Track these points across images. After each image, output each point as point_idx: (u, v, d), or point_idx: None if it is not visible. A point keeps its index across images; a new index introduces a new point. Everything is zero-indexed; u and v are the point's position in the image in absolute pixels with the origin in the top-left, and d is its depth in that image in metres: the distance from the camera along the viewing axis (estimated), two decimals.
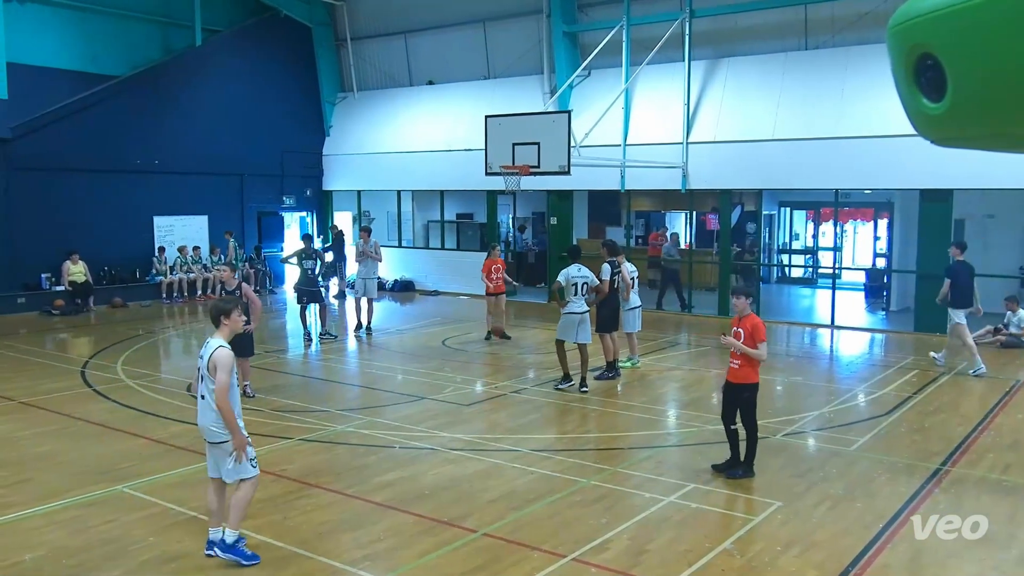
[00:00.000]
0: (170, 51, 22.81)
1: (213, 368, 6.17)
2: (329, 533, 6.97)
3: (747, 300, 8.24)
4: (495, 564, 6.29)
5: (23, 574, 6.14)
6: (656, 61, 19.21)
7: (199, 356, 6.40)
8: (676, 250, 20.96)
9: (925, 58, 3.52)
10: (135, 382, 12.53)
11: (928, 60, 3.50)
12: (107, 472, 8.43)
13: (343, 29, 25.40)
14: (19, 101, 19.25)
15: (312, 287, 15.79)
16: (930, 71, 3.52)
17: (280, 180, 25.20)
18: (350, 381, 13.48)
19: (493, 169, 16.78)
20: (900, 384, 12.46)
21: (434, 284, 24.08)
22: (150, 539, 6.78)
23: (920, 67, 3.58)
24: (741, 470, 8.22)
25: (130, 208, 21.59)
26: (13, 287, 18.56)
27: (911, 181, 16.78)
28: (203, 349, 6.37)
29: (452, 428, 10.06)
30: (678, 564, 6.26)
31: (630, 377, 12.93)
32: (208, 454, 6.51)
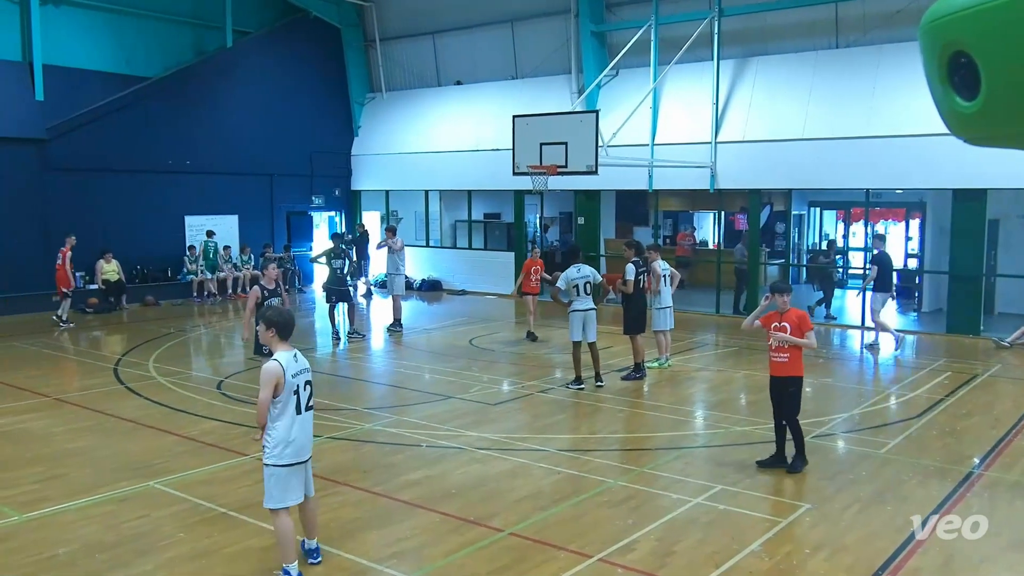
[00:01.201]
0: (202, 53, 23.05)
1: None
2: (356, 531, 7.00)
3: (789, 296, 8.38)
4: (521, 564, 6.29)
5: (57, 567, 6.24)
6: (684, 60, 19.10)
7: (300, 370, 5.96)
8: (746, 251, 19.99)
9: (958, 56, 3.47)
10: (166, 379, 12.68)
11: (961, 58, 3.45)
12: (139, 468, 8.53)
13: (372, 30, 25.53)
14: (54, 103, 19.64)
15: (341, 286, 15.91)
16: (963, 69, 3.47)
17: (309, 180, 25.38)
18: (378, 380, 13.54)
19: (521, 169, 16.78)
20: (932, 386, 12.28)
21: (461, 284, 24.14)
22: (180, 534, 6.85)
23: (953, 65, 3.54)
24: (800, 462, 8.32)
25: (162, 208, 21.85)
26: (49, 286, 18.84)
27: (944, 181, 16.54)
28: (297, 360, 5.98)
29: (479, 427, 10.07)
30: (705, 566, 6.22)
31: (658, 378, 12.87)
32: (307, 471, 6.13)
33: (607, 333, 12.67)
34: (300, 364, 6.00)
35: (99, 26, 21.00)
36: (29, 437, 9.76)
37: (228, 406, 11.10)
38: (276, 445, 5.88)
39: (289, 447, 5.89)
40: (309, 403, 6.04)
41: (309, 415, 6.06)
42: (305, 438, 6.02)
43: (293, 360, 5.95)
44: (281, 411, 5.88)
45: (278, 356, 5.91)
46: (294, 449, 5.92)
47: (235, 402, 11.28)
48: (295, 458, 5.94)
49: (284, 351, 5.96)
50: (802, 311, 8.42)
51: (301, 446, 5.97)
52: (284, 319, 6.05)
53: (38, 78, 19.55)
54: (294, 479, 5.96)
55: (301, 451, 5.98)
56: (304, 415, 5.99)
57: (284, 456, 5.89)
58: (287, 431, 5.88)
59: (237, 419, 10.37)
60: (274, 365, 5.83)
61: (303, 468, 6.03)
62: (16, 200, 19.21)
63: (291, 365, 5.91)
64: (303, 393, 5.98)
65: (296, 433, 5.92)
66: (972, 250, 16.58)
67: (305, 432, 6.02)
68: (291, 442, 5.90)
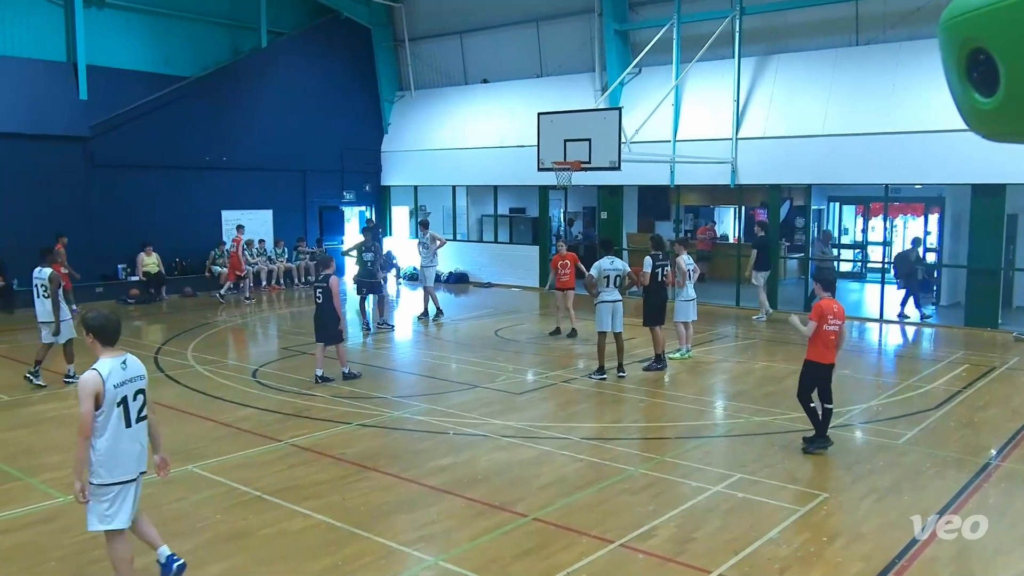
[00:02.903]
0: (238, 53, 23.22)
1: None
2: (386, 514, 7.05)
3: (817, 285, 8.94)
4: (545, 548, 6.30)
5: (99, 547, 6.30)
6: (706, 58, 18.94)
7: (128, 379, 5.29)
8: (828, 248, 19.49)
9: (977, 53, 3.42)
10: (204, 368, 12.82)
11: (980, 55, 3.40)
12: (178, 452, 8.60)
13: (401, 30, 25.56)
14: (98, 102, 19.88)
15: (371, 278, 15.99)
16: (982, 66, 3.41)
17: (340, 176, 25.52)
18: (407, 369, 13.60)
19: (545, 165, 16.75)
20: (949, 379, 12.14)
21: (487, 276, 24.17)
22: (217, 516, 6.94)
23: (972, 62, 3.48)
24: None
25: (199, 203, 22.08)
26: (92, 277, 19.12)
27: (962, 176, 16.30)
28: (125, 367, 5.32)
29: (504, 416, 10.09)
30: (724, 552, 6.20)
31: (678, 368, 12.82)
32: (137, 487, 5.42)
33: (628, 325, 12.64)
34: (129, 372, 5.28)
35: (140, 28, 21.22)
36: (73, 422, 9.89)
37: (263, 394, 11.20)
38: (101, 462, 5.15)
39: (116, 464, 5.18)
40: (141, 414, 5.34)
41: (139, 429, 5.33)
42: (134, 453, 5.29)
43: (119, 368, 5.22)
44: (104, 425, 5.13)
45: (98, 365, 5.18)
46: (122, 466, 5.21)
47: (270, 390, 11.39)
48: (124, 475, 5.22)
49: (108, 358, 5.23)
50: (818, 303, 8.66)
51: (130, 462, 5.26)
52: (105, 323, 5.26)
53: (82, 78, 19.81)
54: (129, 496, 5.28)
55: (129, 468, 5.25)
56: (134, 428, 5.27)
57: (111, 474, 5.17)
58: (112, 446, 5.16)
59: (272, 407, 10.47)
60: (91, 375, 5.12)
61: (134, 486, 5.33)
62: (62, 195, 19.50)
63: (115, 374, 5.18)
64: (132, 404, 5.26)
65: (122, 449, 5.20)
66: (990, 244, 16.35)
67: (139, 446, 5.32)
68: (117, 459, 5.18)
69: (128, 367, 5.30)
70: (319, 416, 10.04)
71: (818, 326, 8.45)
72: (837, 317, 8.51)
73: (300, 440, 9.04)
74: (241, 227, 21.49)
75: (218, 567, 6.01)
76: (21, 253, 18.39)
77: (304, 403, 10.65)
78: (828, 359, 8.60)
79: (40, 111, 19.08)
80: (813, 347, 8.55)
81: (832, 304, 8.55)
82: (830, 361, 8.63)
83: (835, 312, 8.51)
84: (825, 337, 8.49)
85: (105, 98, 19.97)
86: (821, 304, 8.53)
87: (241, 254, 20.98)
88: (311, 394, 11.13)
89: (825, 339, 8.50)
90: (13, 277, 18.54)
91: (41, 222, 18.77)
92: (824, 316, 8.44)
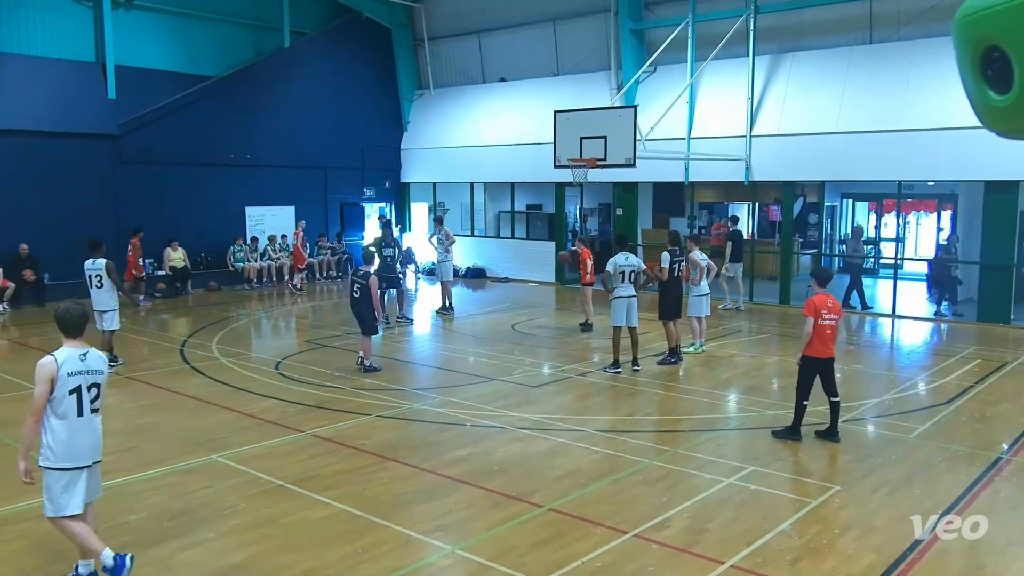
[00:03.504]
0: (261, 53, 23.30)
1: None
2: (405, 504, 7.08)
3: (813, 281, 8.92)
4: (560, 538, 6.30)
5: (129, 533, 6.41)
6: (720, 57, 18.83)
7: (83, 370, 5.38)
8: (860, 244, 19.04)
9: (992, 51, 3.38)
10: (228, 360, 12.91)
11: (995, 53, 3.37)
12: (203, 442, 8.71)
13: (421, 30, 25.56)
14: (125, 100, 20.04)
15: (391, 273, 16.01)
16: (996, 64, 3.38)
17: (361, 173, 25.58)
18: (425, 362, 13.63)
19: (562, 162, 16.73)
20: (961, 373, 12.03)
21: (504, 271, 24.17)
22: (241, 505, 6.99)
23: (986, 60, 3.45)
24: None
25: (224, 199, 22.21)
26: (120, 271, 19.25)
27: (976, 173, 16.14)
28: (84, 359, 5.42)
29: (521, 408, 10.10)
30: (736, 543, 6.18)
31: (693, 362, 12.78)
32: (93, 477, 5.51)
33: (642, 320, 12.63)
34: (87, 364, 5.39)
35: (166, 28, 21.35)
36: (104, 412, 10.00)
37: (285, 385, 11.27)
38: (51, 447, 5.28)
39: (66, 450, 5.30)
40: (94, 405, 5.43)
41: (91, 420, 5.43)
42: (87, 442, 5.40)
43: (77, 359, 5.36)
44: (54, 410, 5.27)
45: (57, 352, 5.35)
46: (72, 453, 5.32)
47: (292, 382, 11.46)
48: (73, 463, 5.33)
49: (69, 348, 5.40)
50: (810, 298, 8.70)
51: (81, 451, 5.36)
52: (66, 316, 5.48)
53: (110, 78, 19.96)
54: (80, 483, 5.36)
55: (81, 456, 5.35)
56: (86, 418, 5.38)
57: (60, 459, 5.29)
58: (62, 432, 5.29)
59: (294, 398, 10.53)
60: (47, 360, 5.27)
61: (85, 474, 5.39)
62: (91, 191, 19.68)
63: (70, 363, 5.32)
64: (86, 394, 5.37)
65: (74, 436, 5.32)
66: (1003, 241, 16.17)
67: (87, 436, 5.40)
68: (68, 445, 5.30)
69: (87, 360, 5.43)
70: (340, 407, 10.10)
71: (814, 321, 8.49)
72: (832, 312, 8.58)
73: (322, 431, 9.09)
74: (302, 222, 22.51)
75: (242, 554, 6.06)
76: (52, 248, 18.66)
77: (326, 395, 10.71)
78: (825, 353, 8.63)
79: (70, 110, 19.26)
80: (809, 342, 8.59)
81: (827, 299, 8.63)
82: (828, 355, 8.66)
83: (829, 307, 8.58)
84: (821, 332, 8.55)
85: (133, 97, 20.13)
86: (815, 300, 8.60)
87: (302, 247, 21.96)
88: (332, 386, 11.18)
89: (821, 334, 8.55)
90: (44, 271, 18.73)
91: (71, 218, 19.01)
92: (818, 311, 8.52)
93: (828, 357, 8.64)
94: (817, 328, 8.50)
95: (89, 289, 12.13)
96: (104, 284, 12.06)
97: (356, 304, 12.06)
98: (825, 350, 8.60)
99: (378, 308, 12.13)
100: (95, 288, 12.10)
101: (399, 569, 5.82)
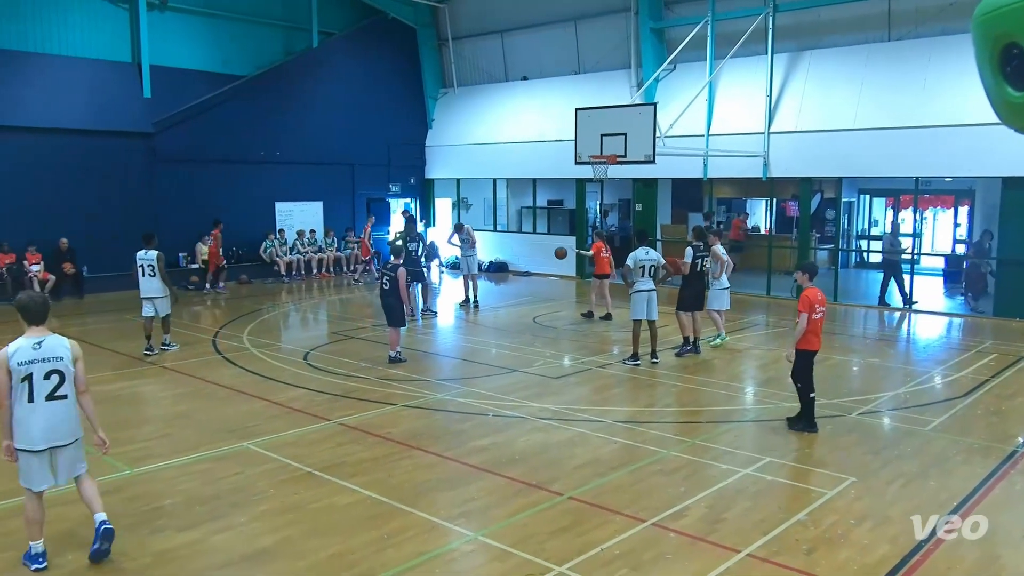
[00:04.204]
0: (290, 52, 23.42)
1: None
2: (428, 491, 7.11)
3: (803, 275, 8.83)
4: (579, 526, 6.30)
5: (163, 516, 6.49)
6: (739, 55, 18.68)
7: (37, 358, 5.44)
8: (898, 240, 18.58)
9: (1010, 48, 3.33)
10: (259, 351, 13.01)
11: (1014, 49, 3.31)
12: (234, 430, 8.79)
13: (445, 30, 25.56)
14: (160, 99, 20.25)
15: (415, 267, 16.05)
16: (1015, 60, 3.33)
17: (387, 169, 25.65)
18: (449, 354, 13.67)
19: (582, 158, 16.68)
20: (977, 367, 11.86)
21: (526, 265, 24.16)
22: (270, 491, 7.05)
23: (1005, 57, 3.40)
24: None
25: (255, 194, 22.38)
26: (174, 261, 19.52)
27: (993, 169, 15.88)
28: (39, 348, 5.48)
29: (541, 399, 10.10)
30: (753, 532, 6.15)
31: (710, 355, 12.71)
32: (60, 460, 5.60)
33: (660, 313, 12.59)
34: (43, 352, 5.44)
35: (199, 30, 21.50)
36: (141, 400, 10.16)
37: (313, 375, 11.34)
38: (12, 428, 5.44)
39: (21, 433, 5.42)
40: (53, 394, 5.45)
41: (49, 407, 5.46)
42: (42, 428, 5.45)
43: (31, 347, 5.42)
44: (11, 396, 5.40)
45: (12, 343, 5.45)
46: (23, 436, 5.43)
47: (320, 372, 11.53)
48: (30, 445, 5.44)
49: (24, 337, 5.48)
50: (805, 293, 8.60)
51: (32, 435, 5.44)
52: (27, 303, 5.54)
53: (146, 77, 20.16)
54: (34, 465, 5.48)
55: (32, 440, 5.44)
56: (38, 405, 5.42)
57: (17, 440, 5.45)
58: (17, 417, 5.41)
59: (322, 388, 10.60)
60: (2, 351, 5.40)
61: (45, 457, 5.50)
62: (127, 188, 19.90)
63: (22, 352, 5.40)
64: (40, 382, 5.41)
65: (25, 421, 5.42)
66: (1020, 236, 15.91)
67: (43, 422, 5.45)
68: (20, 429, 5.42)
69: (42, 348, 5.46)
70: (366, 397, 10.15)
71: (808, 315, 8.48)
72: (822, 304, 8.63)
73: (348, 420, 9.14)
74: (371, 217, 23.29)
75: (271, 538, 6.12)
76: (90, 242, 18.93)
77: (352, 385, 10.77)
78: (817, 346, 8.70)
79: (107, 109, 19.47)
80: (803, 336, 8.58)
81: (817, 292, 8.63)
82: (818, 348, 8.73)
83: (820, 300, 8.61)
84: (814, 325, 8.56)
85: (167, 96, 20.31)
86: (808, 294, 8.58)
87: (368, 241, 22.60)
88: (359, 376, 11.24)
89: (814, 326, 8.57)
90: (83, 264, 18.98)
91: (108, 213, 19.28)
92: (812, 305, 8.50)
93: (818, 349, 8.72)
94: (811, 321, 8.50)
95: (140, 278, 12.59)
96: (156, 273, 12.47)
97: (385, 296, 12.14)
98: (818, 342, 8.67)
99: (406, 300, 12.20)
100: (147, 277, 12.53)
101: (423, 554, 5.85)
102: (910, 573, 5.56)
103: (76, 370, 5.58)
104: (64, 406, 5.54)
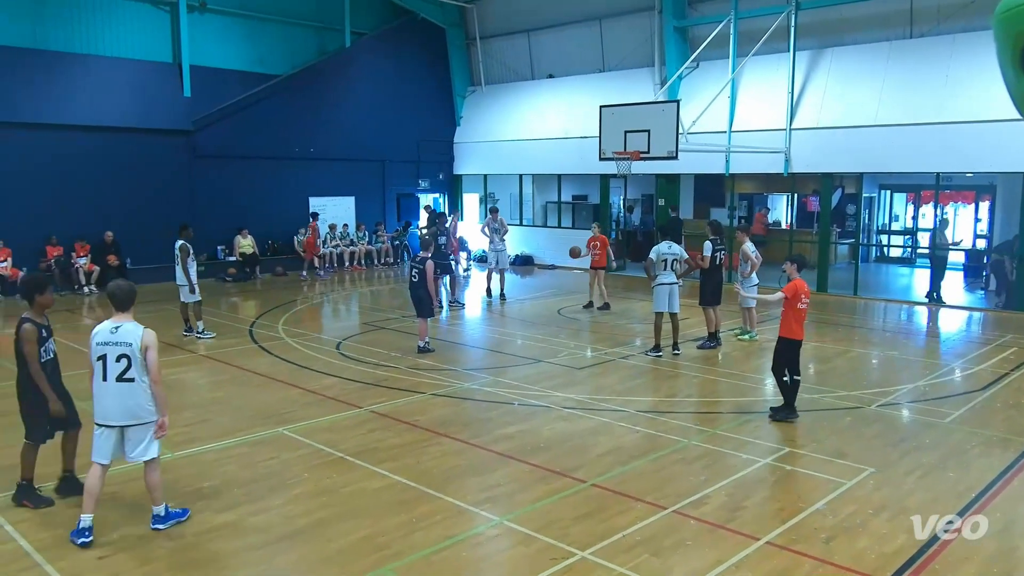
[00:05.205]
0: (324, 52, 23.54)
1: None
2: (456, 477, 7.14)
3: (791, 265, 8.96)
4: (602, 512, 6.31)
5: (203, 498, 6.59)
6: (762, 52, 18.47)
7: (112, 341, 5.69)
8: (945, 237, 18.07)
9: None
10: (293, 340, 13.14)
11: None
12: (270, 416, 8.90)
13: (473, 29, 25.56)
14: (199, 98, 20.46)
15: (443, 260, 16.10)
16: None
17: (416, 165, 25.74)
18: (476, 344, 13.70)
19: (606, 155, 16.62)
20: (997, 361, 11.67)
21: (551, 259, 24.13)
22: (305, 475, 7.13)
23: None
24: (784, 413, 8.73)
25: (290, 190, 22.55)
26: None
27: (1014, 164, 15.57)
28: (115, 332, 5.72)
29: (565, 389, 10.10)
30: (772, 521, 6.12)
31: (731, 347, 12.63)
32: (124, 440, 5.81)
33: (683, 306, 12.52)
34: (118, 336, 5.66)
35: (237, 30, 21.69)
36: (182, 387, 10.31)
37: (346, 364, 11.43)
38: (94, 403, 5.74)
39: (97, 408, 5.72)
40: (122, 375, 5.64)
41: (118, 387, 5.66)
42: (108, 406, 5.69)
43: (109, 331, 5.68)
44: (92, 374, 5.71)
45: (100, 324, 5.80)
46: (101, 412, 5.71)
47: (352, 361, 11.62)
48: (102, 420, 5.72)
49: (108, 320, 5.76)
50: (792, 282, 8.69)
51: (107, 411, 5.70)
52: (116, 291, 5.83)
53: (186, 77, 20.39)
54: (103, 440, 5.74)
55: (106, 415, 5.70)
56: (110, 384, 5.66)
57: (95, 415, 5.74)
58: (96, 393, 5.71)
59: (354, 376, 10.68)
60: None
61: (111, 433, 5.73)
62: (168, 183, 20.16)
63: (102, 333, 5.69)
64: (112, 364, 5.64)
65: (100, 397, 5.70)
66: None
67: (109, 401, 5.69)
68: (96, 403, 5.71)
69: (118, 333, 5.68)
70: (396, 386, 10.22)
71: (792, 302, 8.54)
72: (807, 296, 8.67)
73: (379, 407, 9.21)
74: (455, 212, 23.04)
75: (306, 520, 6.19)
76: (133, 235, 19.21)
77: (383, 374, 10.84)
78: (801, 335, 8.73)
79: (149, 107, 19.73)
80: (786, 325, 8.67)
81: (804, 284, 8.68)
82: (802, 337, 8.77)
83: (805, 292, 8.66)
84: (798, 315, 8.63)
85: (206, 95, 20.53)
86: (796, 283, 8.63)
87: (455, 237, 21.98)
88: (389, 365, 11.32)
89: (798, 316, 8.64)
90: (126, 256, 19.27)
91: (149, 207, 19.55)
92: (798, 294, 8.55)
93: (802, 339, 8.76)
94: (795, 311, 8.57)
95: (175, 266, 12.94)
96: (178, 262, 12.81)
97: (414, 288, 12.19)
98: (801, 332, 8.71)
99: (434, 292, 12.24)
100: (176, 265, 12.89)
101: (450, 537, 5.89)
102: (928, 562, 5.50)
103: (148, 359, 5.72)
104: (131, 388, 5.70)
